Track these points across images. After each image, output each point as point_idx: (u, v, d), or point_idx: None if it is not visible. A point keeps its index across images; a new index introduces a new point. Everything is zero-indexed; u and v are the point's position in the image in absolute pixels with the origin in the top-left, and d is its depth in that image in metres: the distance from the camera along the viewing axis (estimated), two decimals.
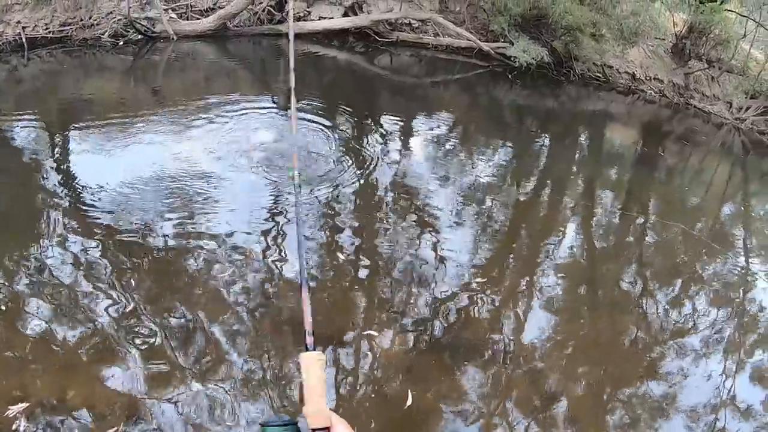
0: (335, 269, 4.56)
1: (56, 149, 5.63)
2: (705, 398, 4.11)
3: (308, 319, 1.04)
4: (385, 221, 5.29)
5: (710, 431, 3.87)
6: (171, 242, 4.41)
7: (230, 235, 4.57)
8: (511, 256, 5.35)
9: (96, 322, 3.53)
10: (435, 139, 7.43)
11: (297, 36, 9.98)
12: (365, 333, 3.94)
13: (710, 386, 4.25)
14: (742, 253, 6.29)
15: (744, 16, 11.89)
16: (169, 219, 4.66)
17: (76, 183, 5.04)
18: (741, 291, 5.60)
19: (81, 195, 4.84)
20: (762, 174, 9.03)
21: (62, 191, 4.91)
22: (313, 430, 0.90)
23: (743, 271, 5.92)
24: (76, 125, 6.04)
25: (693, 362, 4.43)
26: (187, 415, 3.09)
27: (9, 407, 2.87)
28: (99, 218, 4.51)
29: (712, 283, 5.59)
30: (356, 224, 5.12)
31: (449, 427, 3.46)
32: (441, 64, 10.68)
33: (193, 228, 4.60)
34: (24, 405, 2.90)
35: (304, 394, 0.93)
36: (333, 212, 5.19)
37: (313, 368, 0.95)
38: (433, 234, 5.23)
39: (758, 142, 9.70)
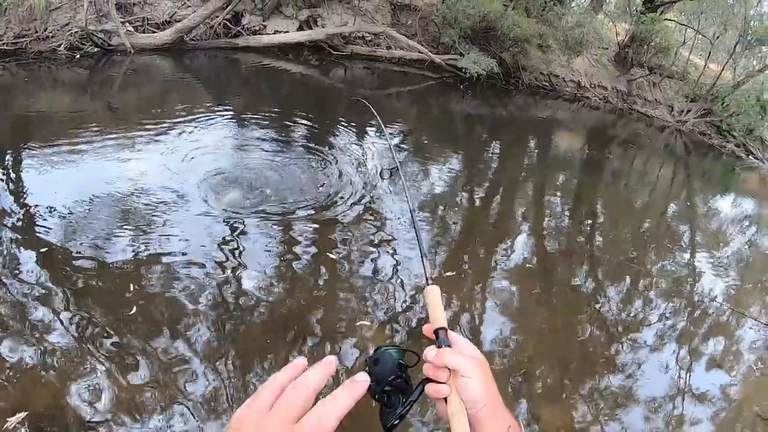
0: (299, 279, 4.54)
1: (5, 168, 5.41)
2: (662, 388, 4.21)
3: (426, 264, 1.25)
4: (342, 232, 5.26)
5: (669, 419, 3.96)
6: (123, 260, 4.29)
7: (184, 253, 4.48)
8: (466, 260, 5.39)
9: (50, 344, 3.45)
10: (387, 149, 7.41)
11: (252, 49, 10.03)
12: (357, 324, 4.08)
13: (666, 377, 4.37)
14: (689, 248, 6.50)
15: (683, 24, 12.41)
16: (121, 238, 4.53)
17: (27, 203, 4.85)
18: (689, 284, 5.78)
19: (31, 216, 4.67)
20: (703, 172, 9.39)
21: (12, 212, 4.71)
22: (437, 329, 1.06)
23: (690, 265, 6.12)
24: (27, 143, 5.80)
25: (648, 354, 4.53)
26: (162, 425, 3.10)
27: (7, 419, 2.92)
28: (50, 239, 4.37)
29: (661, 278, 5.76)
30: (311, 236, 5.09)
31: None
32: (394, 77, 10.83)
33: (145, 246, 4.49)
34: (23, 414, 2.96)
35: (430, 314, 1.10)
36: (285, 227, 5.15)
37: (434, 295, 1.13)
38: (388, 243, 5.23)
39: (699, 143, 10.10)
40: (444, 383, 0.99)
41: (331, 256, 4.84)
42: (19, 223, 4.59)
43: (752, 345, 5.01)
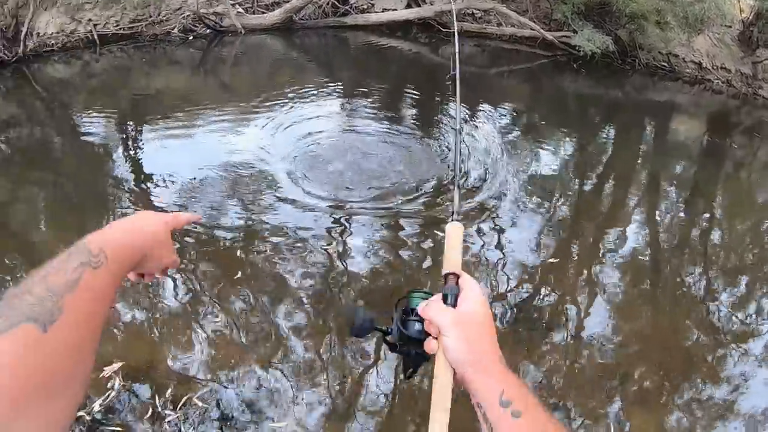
0: (404, 264, 4.75)
1: (127, 142, 5.98)
2: (765, 404, 4.02)
3: (456, 200, 1.23)
4: (447, 208, 5.33)
5: None
6: (234, 233, 4.66)
7: (292, 227, 4.79)
8: (575, 249, 5.40)
9: (155, 302, 3.86)
10: (500, 130, 7.47)
11: (360, 28, 10.30)
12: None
13: None
14: None
15: None
16: (230, 210, 4.93)
17: (146, 175, 5.36)
18: None
19: (150, 186, 5.17)
20: None
21: (131, 180, 5.25)
22: (446, 274, 1.01)
23: None
24: (146, 119, 6.34)
25: (755, 368, 4.33)
26: (248, 395, 3.33)
27: (104, 368, 3.17)
28: (166, 210, 4.72)
29: None
30: (415, 217, 5.24)
31: None
32: (504, 54, 10.76)
33: (256, 219, 4.85)
34: (119, 364, 3.22)
35: (445, 255, 1.06)
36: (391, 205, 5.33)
37: (455, 234, 1.09)
38: (495, 223, 5.34)
39: None
40: (436, 338, 0.94)
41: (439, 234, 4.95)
42: (138, 191, 5.09)
43: None
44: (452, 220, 1.12)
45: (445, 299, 0.96)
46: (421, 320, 0.97)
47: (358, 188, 5.42)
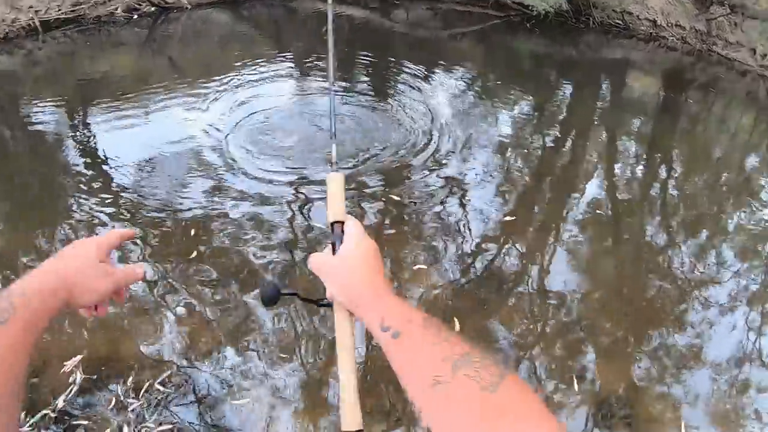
0: (370, 220, 4.64)
1: (77, 130, 5.65)
2: (730, 351, 4.09)
3: (334, 147, 1.24)
4: (409, 175, 5.30)
5: (734, 383, 3.85)
6: (190, 213, 4.47)
7: (250, 203, 4.63)
8: (535, 206, 5.35)
9: (138, 292, 3.66)
10: (456, 92, 7.31)
11: None
12: (415, 268, 4.17)
13: (736, 340, 4.22)
14: None
15: None
16: (186, 191, 4.73)
17: (98, 160, 5.10)
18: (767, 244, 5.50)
19: (103, 172, 4.91)
20: None
21: (84, 170, 4.97)
22: (332, 223, 1.06)
23: None
24: (95, 104, 6.03)
25: (719, 315, 4.39)
26: (228, 375, 3.26)
27: (64, 363, 3.08)
28: (122, 194, 4.62)
29: (738, 234, 5.50)
30: (381, 182, 5.13)
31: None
32: (457, 16, 10.39)
33: (211, 198, 4.67)
34: (78, 357, 3.12)
35: (328, 205, 1.09)
36: (360, 169, 5.21)
37: (336, 184, 1.11)
38: (458, 187, 5.24)
39: None
40: None
41: (395, 198, 4.88)
42: (90, 178, 4.82)
43: None
44: (332, 171, 1.15)
45: (333, 248, 1.02)
46: None
47: (314, 160, 5.23)
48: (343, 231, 1.03)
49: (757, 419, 3.66)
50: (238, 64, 7.18)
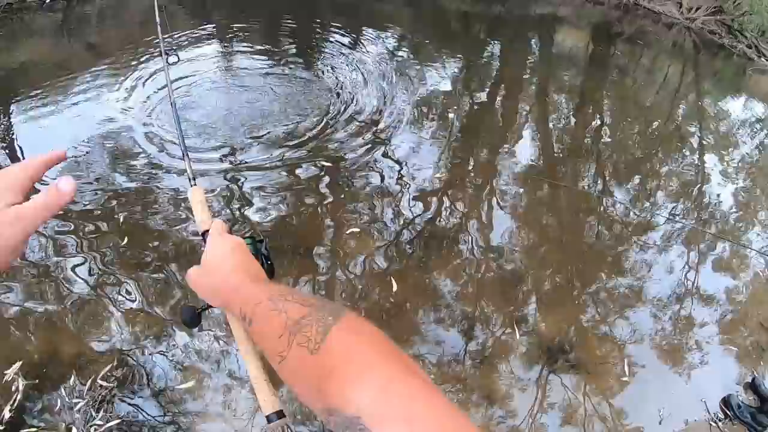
0: (304, 189, 4.44)
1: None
2: (670, 289, 4.14)
3: (188, 163, 1.27)
4: (340, 140, 5.06)
5: (676, 320, 3.88)
6: (122, 200, 4.15)
7: (178, 186, 4.32)
8: (471, 163, 5.19)
9: (72, 286, 3.43)
10: (385, 55, 6.98)
11: None
12: (348, 232, 4.02)
13: (674, 278, 4.27)
14: (698, 150, 6.14)
15: None
16: (122, 177, 4.38)
17: (24, 153, 4.70)
18: (697, 186, 5.48)
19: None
20: (713, 73, 8.88)
21: (9, 164, 4.44)
22: (202, 233, 1.07)
23: (699, 167, 5.79)
24: (14, 97, 5.48)
25: (656, 256, 4.44)
26: (173, 360, 3.12)
27: (4, 372, 2.94)
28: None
29: (669, 179, 5.50)
30: (311, 149, 4.87)
31: (430, 314, 3.57)
32: None
33: (148, 182, 4.34)
34: (18, 364, 2.97)
35: (195, 218, 1.12)
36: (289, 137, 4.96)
37: (196, 197, 1.14)
38: (389, 148, 5.05)
39: (709, 42, 9.49)
40: None
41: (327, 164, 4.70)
42: None
43: (761, 249, 4.76)
44: (191, 185, 1.18)
45: None
46: None
47: (241, 138, 4.91)
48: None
49: (698, 349, 3.70)
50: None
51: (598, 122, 6.35)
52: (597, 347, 3.54)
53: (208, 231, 1.04)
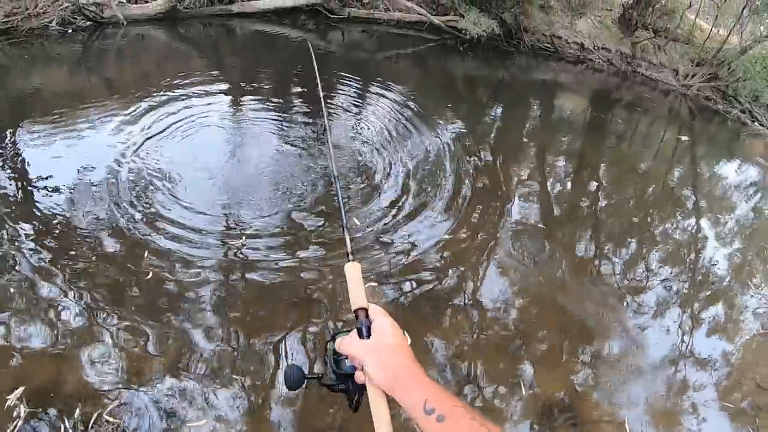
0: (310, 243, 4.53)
1: (5, 146, 5.27)
2: (664, 353, 4.20)
3: (348, 239, 1.31)
4: (346, 198, 5.22)
5: (671, 384, 3.94)
6: (129, 234, 4.26)
7: (189, 225, 4.46)
8: (468, 223, 5.29)
9: (61, 320, 3.48)
10: (390, 113, 7.28)
11: (247, 15, 9.80)
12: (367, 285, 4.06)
13: (668, 342, 4.34)
14: (693, 214, 6.37)
15: None
16: (127, 211, 4.51)
17: (28, 180, 4.81)
18: (693, 250, 5.67)
19: (32, 192, 4.64)
20: (708, 138, 9.21)
21: (13, 188, 4.68)
22: (356, 310, 1.13)
23: (694, 231, 6.00)
24: (25, 120, 5.69)
25: (650, 320, 4.52)
26: (161, 402, 3.11)
27: (7, 396, 2.90)
28: (55, 215, 4.36)
29: (664, 243, 5.66)
30: (317, 206, 5.00)
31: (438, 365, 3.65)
32: (392, 39, 10.56)
33: (151, 219, 4.46)
34: (21, 389, 2.94)
35: (350, 293, 1.17)
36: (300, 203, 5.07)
37: (353, 273, 1.20)
38: (394, 207, 5.19)
39: (704, 108, 9.89)
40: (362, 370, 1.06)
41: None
42: (21, 199, 4.55)
43: (754, 312, 4.92)
44: (348, 261, 1.22)
45: (359, 333, 1.09)
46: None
47: (251, 206, 4.94)
48: (368, 317, 1.11)
49: (694, 413, 3.76)
50: (176, 83, 6.93)
51: (595, 186, 6.57)
52: (595, 408, 3.61)
53: (362, 309, 1.12)
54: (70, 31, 8.13)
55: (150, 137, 5.57)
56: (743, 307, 4.96)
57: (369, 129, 6.60)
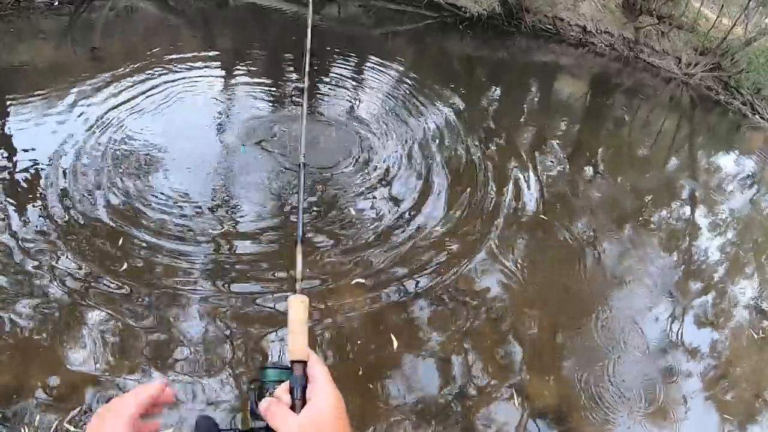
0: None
1: None
2: (655, 341, 4.13)
3: (299, 268, 1.10)
4: (341, 177, 5.13)
5: (661, 371, 3.88)
6: (122, 208, 4.19)
7: (183, 196, 4.42)
8: (465, 208, 5.16)
9: (50, 298, 3.37)
10: (385, 92, 7.13)
11: None
12: (353, 282, 3.95)
13: (658, 330, 4.27)
14: (689, 203, 6.25)
15: None
16: (118, 186, 4.42)
17: (16, 157, 4.68)
18: (686, 239, 5.57)
19: (26, 169, 4.51)
20: (708, 128, 9.07)
21: (5, 168, 4.53)
22: (292, 362, 0.93)
23: (689, 220, 5.89)
24: (12, 96, 5.55)
25: (642, 308, 4.44)
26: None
27: None
28: (45, 191, 4.25)
29: (659, 231, 5.58)
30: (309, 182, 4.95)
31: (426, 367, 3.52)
32: (390, 15, 10.34)
33: (144, 193, 4.40)
34: None
35: (289, 338, 0.97)
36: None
37: (298, 311, 0.98)
38: (387, 189, 5.10)
39: (705, 98, 9.73)
40: None
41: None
42: (9, 177, 4.42)
43: (746, 304, 4.85)
44: (295, 292, 1.01)
45: (291, 392, 0.91)
46: None
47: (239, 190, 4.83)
48: (305, 374, 0.92)
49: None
50: (166, 58, 6.77)
51: (592, 171, 6.44)
52: (591, 416, 3.49)
53: (302, 362, 0.94)
54: (56, 3, 7.90)
55: (134, 111, 5.48)
56: (735, 299, 4.88)
57: (361, 107, 6.48)
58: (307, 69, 1.45)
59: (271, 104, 6.22)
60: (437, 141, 6.18)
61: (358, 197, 4.90)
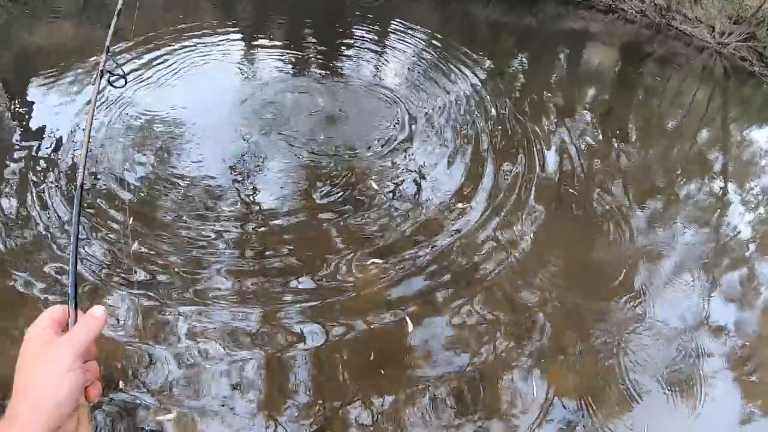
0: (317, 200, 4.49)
1: (14, 102, 5.22)
2: (678, 318, 4.06)
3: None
4: (366, 147, 5.16)
5: (683, 349, 3.82)
6: (143, 183, 4.33)
7: (203, 175, 4.53)
8: (490, 178, 5.11)
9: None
10: (408, 60, 7.04)
11: None
12: (368, 262, 3.96)
13: (684, 307, 4.19)
14: (720, 177, 6.10)
15: None
16: (139, 163, 4.57)
17: (41, 135, 4.78)
18: (716, 214, 5.45)
19: (47, 147, 4.63)
20: (742, 100, 8.80)
21: (24, 145, 4.65)
22: None
23: (719, 195, 5.76)
24: (33, 76, 5.62)
25: (668, 284, 4.36)
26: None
27: None
28: (68, 169, 4.38)
29: (688, 205, 5.46)
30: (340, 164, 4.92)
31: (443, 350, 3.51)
32: None
33: (164, 169, 4.52)
34: None
35: None
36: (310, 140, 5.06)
37: None
38: (411, 158, 5.11)
39: (739, 68, 9.41)
40: None
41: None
42: (34, 154, 4.53)
43: None
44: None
45: None
46: None
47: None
48: None
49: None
50: (186, 34, 6.77)
51: (621, 142, 6.28)
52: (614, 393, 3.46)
53: None
54: None
55: (159, 85, 5.64)
56: (763, 277, 4.75)
57: (386, 75, 6.42)
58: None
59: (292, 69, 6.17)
60: (461, 109, 6.12)
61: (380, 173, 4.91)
